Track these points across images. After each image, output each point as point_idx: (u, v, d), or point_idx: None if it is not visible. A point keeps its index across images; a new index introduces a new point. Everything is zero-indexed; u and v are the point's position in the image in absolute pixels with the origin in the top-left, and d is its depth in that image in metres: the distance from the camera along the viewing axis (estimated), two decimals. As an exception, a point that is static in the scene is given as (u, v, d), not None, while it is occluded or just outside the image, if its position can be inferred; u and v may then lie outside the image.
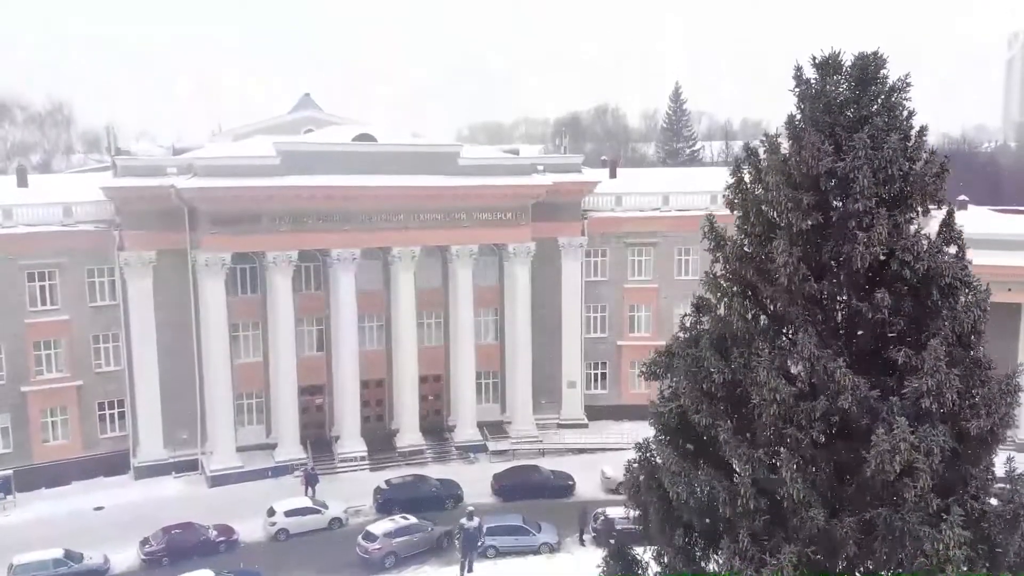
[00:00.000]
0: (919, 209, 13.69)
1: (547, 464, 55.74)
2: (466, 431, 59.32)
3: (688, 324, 14.73)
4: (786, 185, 13.41)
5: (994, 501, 13.72)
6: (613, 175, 64.84)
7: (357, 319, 56.94)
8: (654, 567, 15.34)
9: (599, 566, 16.16)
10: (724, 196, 14.23)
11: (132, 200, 52.82)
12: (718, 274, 14.36)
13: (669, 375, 14.77)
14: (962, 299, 13.43)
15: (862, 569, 13.60)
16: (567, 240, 60.04)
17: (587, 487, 53.42)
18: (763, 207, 13.83)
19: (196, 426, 55.82)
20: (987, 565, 13.27)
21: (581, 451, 58.77)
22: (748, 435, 13.68)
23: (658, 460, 14.97)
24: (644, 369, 15.17)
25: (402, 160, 55.16)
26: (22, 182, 56.11)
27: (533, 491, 52.34)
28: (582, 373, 62.64)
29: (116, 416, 55.66)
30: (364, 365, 57.77)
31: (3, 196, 53.34)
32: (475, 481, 53.58)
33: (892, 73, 13.78)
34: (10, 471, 51.56)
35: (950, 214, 13.95)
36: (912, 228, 13.56)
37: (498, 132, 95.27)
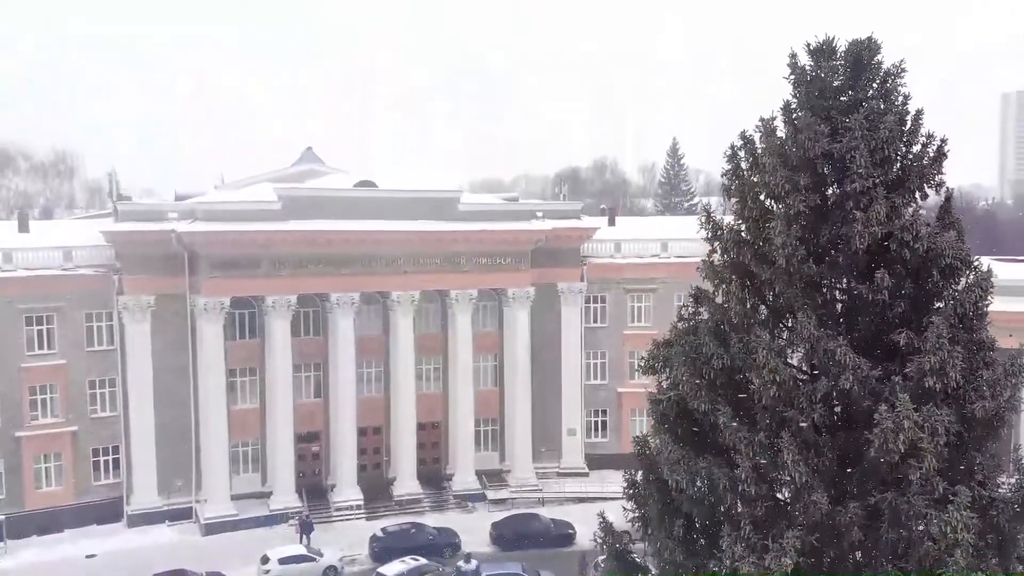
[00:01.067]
0: (917, 193, 13.61)
1: (547, 513, 54.86)
2: (464, 479, 58.55)
3: (686, 315, 14.54)
4: (782, 167, 13.36)
5: (1002, 490, 13.40)
6: (612, 223, 65.06)
7: (355, 365, 56.62)
8: (654, 568, 14.93)
9: (599, 568, 15.79)
10: (720, 183, 14.18)
11: (132, 244, 52.93)
12: (716, 262, 14.22)
13: (667, 369, 14.53)
14: (963, 281, 13.28)
15: (867, 558, 13.20)
16: (567, 286, 59.99)
17: (588, 536, 52.40)
18: (759, 193, 13.76)
19: (191, 473, 55.13)
20: (997, 556, 12.88)
21: (582, 500, 57.85)
22: (748, 421, 13.40)
23: (656, 452, 14.64)
24: (642, 363, 14.92)
25: (402, 205, 55.39)
26: (23, 228, 56.27)
27: (533, 540, 51.42)
28: (582, 420, 62.06)
29: (110, 463, 54.98)
30: (362, 412, 57.28)
31: (4, 240, 53.47)
32: (473, 530, 52.72)
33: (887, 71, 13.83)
34: (2, 517, 50.80)
35: (948, 200, 13.87)
36: (910, 210, 13.46)
37: (498, 188, 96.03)
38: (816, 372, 13.37)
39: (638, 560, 15.30)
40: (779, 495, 13.54)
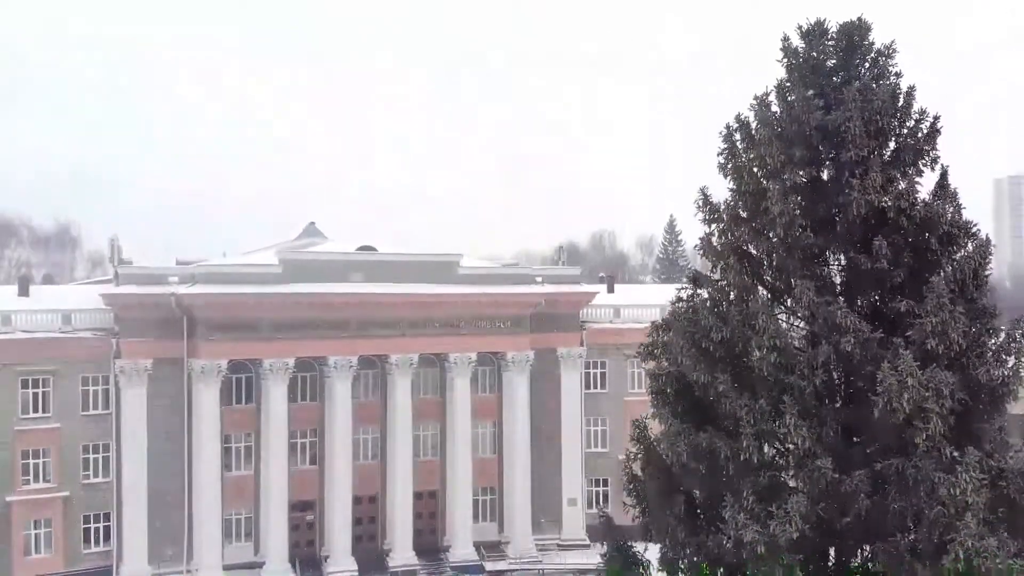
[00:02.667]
0: (912, 169, 13.67)
1: (547, 584, 53.60)
2: (462, 550, 57.23)
3: (685, 296, 14.44)
4: (778, 140, 13.46)
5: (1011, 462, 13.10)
6: (611, 290, 65.18)
7: (352, 432, 55.97)
8: (656, 560, 14.49)
9: (600, 562, 15.35)
10: (716, 157, 14.25)
11: (131, 307, 52.88)
12: (714, 241, 14.20)
13: (667, 352, 14.37)
14: (961, 251, 13.25)
15: (875, 528, 12.81)
16: (566, 351, 59.72)
17: (589, 605, 51.13)
18: (755, 168, 13.82)
19: (183, 542, 53.94)
20: (1008, 528, 12.52)
21: (583, 572, 56.49)
22: (748, 391, 13.19)
23: (655, 441, 14.38)
24: (640, 350, 14.76)
25: (402, 269, 55.58)
26: (23, 292, 56.28)
27: (532, 609, 50.09)
28: (583, 490, 61.02)
29: (101, 530, 53.83)
30: (357, 480, 56.33)
31: (3, 303, 53.48)
32: (471, 599, 51.40)
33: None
34: (-12, 585, 49.61)
35: (944, 175, 13.93)
36: (906, 182, 13.50)
37: (498, 262, 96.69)
38: (816, 334, 13.20)
39: (639, 554, 14.89)
40: (782, 465, 13.26)
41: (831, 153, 13.61)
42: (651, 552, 14.86)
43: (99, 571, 53.14)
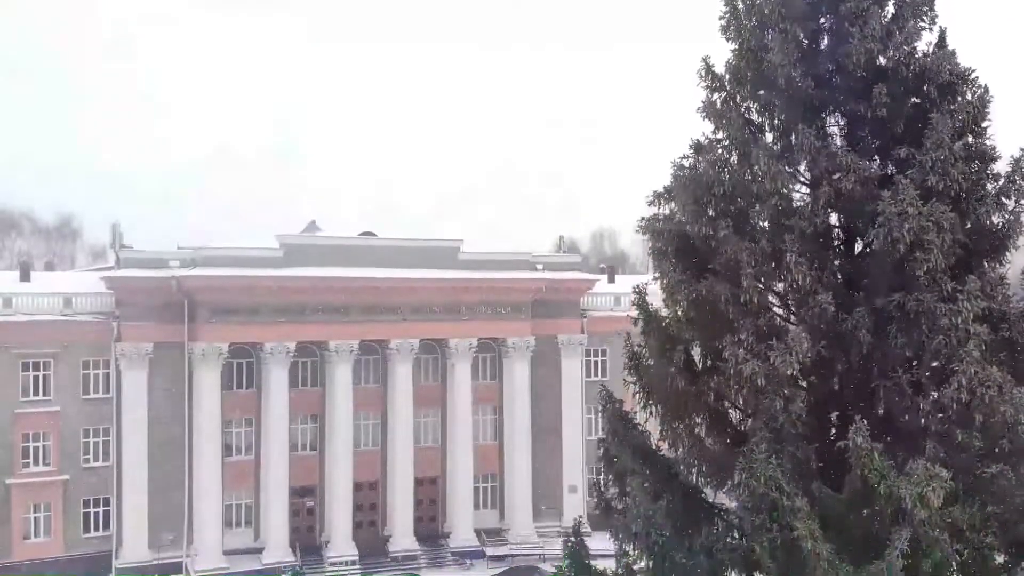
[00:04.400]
0: (911, 23, 13.82)
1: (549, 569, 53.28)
2: (462, 536, 57.06)
3: (686, 164, 14.55)
4: (778, -8, 13.61)
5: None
6: (612, 280, 65.32)
7: (353, 417, 55.93)
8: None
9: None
10: (719, 21, 14.39)
11: (133, 291, 53.00)
12: (716, 102, 14.34)
13: (669, 221, 14.48)
14: (959, 98, 13.41)
15: (878, 366, 12.88)
16: (567, 338, 59.78)
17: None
18: (755, 23, 13.96)
19: (182, 526, 53.71)
20: (1012, 372, 12.56)
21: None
22: (750, 237, 13.31)
23: (657, 318, 14.42)
24: (641, 223, 14.82)
25: (403, 254, 55.75)
26: (25, 277, 56.40)
27: (533, 593, 49.87)
28: (584, 477, 60.79)
29: (100, 515, 53.63)
30: (358, 466, 56.21)
31: (5, 286, 53.60)
32: (472, 585, 51.18)
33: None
34: (-13, 567, 49.37)
35: (942, 36, 14.09)
36: (903, 36, 13.67)
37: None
38: (817, 179, 13.31)
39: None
40: (782, 315, 13.35)
41: (829, 7, 13.74)
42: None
43: (98, 556, 52.83)
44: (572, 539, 15.96)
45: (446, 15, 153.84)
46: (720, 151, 14.02)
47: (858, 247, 13.82)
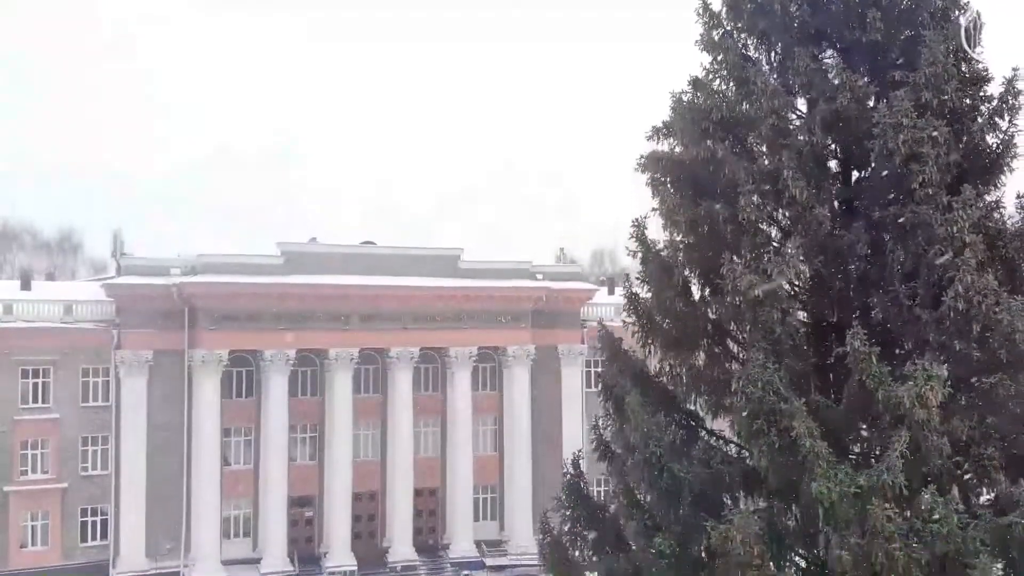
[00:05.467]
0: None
1: (548, 579, 52.80)
2: (462, 547, 56.66)
3: (685, 99, 14.67)
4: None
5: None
6: (612, 292, 65.30)
7: (352, 426, 55.77)
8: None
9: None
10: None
11: (133, 298, 53.05)
12: (714, 36, 14.49)
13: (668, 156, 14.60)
14: (952, 14, 13.56)
15: (875, 281, 12.91)
16: (567, 348, 59.69)
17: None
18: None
19: (180, 535, 53.35)
20: (1008, 292, 12.59)
21: (585, 570, 55.75)
22: (747, 157, 13.43)
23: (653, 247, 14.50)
24: (640, 161, 14.92)
25: (403, 262, 55.94)
26: (25, 286, 56.48)
27: (533, 601, 49.36)
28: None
29: (98, 523, 53.25)
30: (357, 476, 55.93)
31: (5, 293, 53.71)
32: (471, 594, 50.73)
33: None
34: (-18, 575, 48.97)
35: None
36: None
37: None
38: (815, 103, 13.43)
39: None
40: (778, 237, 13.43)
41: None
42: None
43: (95, 565, 52.42)
44: (571, 471, 15.89)
45: (446, 15, 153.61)
46: (718, 82, 14.17)
47: (855, 177, 13.95)
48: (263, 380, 54.88)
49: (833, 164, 13.68)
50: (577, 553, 15.38)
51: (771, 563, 11.39)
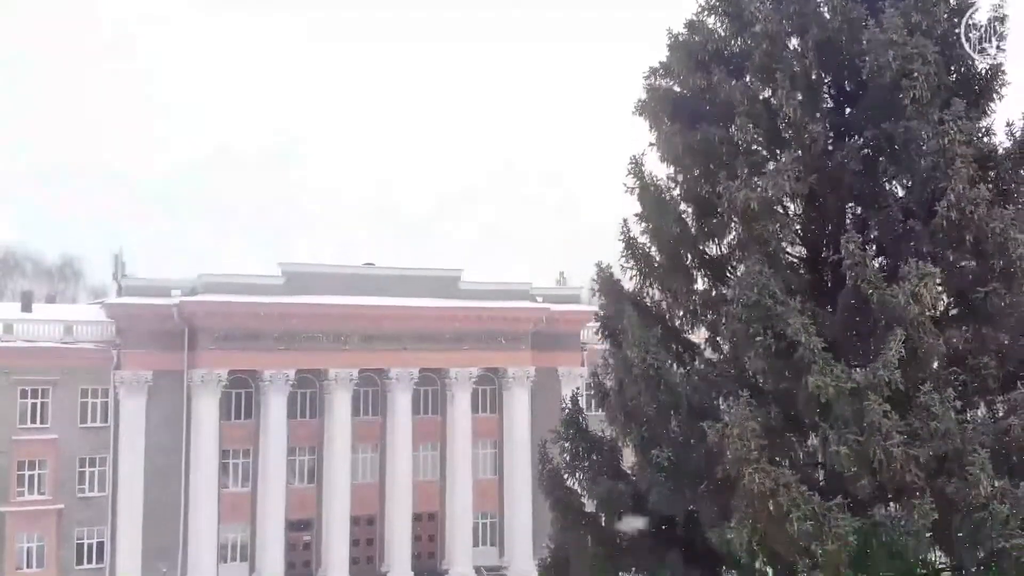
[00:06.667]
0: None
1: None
2: (461, 572, 56.03)
3: (681, 39, 14.93)
4: None
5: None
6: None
7: (351, 448, 55.48)
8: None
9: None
10: None
11: (133, 318, 53.09)
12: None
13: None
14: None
15: (870, 200, 13.06)
16: (567, 370, 59.51)
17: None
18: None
19: (177, 558, 52.81)
20: (1002, 208, 12.74)
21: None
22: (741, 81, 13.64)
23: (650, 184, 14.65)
24: (637, 105, 15.14)
25: (403, 283, 56.04)
26: (26, 308, 56.56)
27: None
28: (585, 513, 59.86)
29: (95, 545, 52.73)
30: (356, 500, 55.50)
31: (5, 314, 53.80)
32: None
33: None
34: (-24, 596, 48.38)
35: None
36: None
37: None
38: (806, 28, 13.68)
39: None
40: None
41: None
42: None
43: (90, 587, 51.85)
44: (569, 406, 15.91)
45: (446, 15, 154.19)
46: (713, 19, 14.46)
47: (847, 100, 14.12)
48: (262, 401, 54.71)
49: (826, 88, 13.90)
50: (575, 483, 15.28)
51: (766, 459, 11.37)
